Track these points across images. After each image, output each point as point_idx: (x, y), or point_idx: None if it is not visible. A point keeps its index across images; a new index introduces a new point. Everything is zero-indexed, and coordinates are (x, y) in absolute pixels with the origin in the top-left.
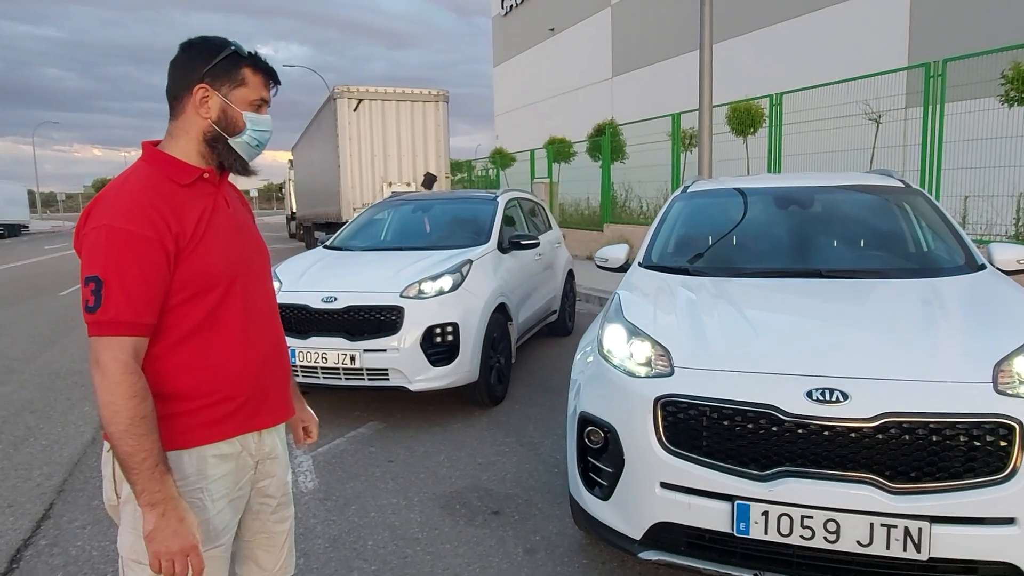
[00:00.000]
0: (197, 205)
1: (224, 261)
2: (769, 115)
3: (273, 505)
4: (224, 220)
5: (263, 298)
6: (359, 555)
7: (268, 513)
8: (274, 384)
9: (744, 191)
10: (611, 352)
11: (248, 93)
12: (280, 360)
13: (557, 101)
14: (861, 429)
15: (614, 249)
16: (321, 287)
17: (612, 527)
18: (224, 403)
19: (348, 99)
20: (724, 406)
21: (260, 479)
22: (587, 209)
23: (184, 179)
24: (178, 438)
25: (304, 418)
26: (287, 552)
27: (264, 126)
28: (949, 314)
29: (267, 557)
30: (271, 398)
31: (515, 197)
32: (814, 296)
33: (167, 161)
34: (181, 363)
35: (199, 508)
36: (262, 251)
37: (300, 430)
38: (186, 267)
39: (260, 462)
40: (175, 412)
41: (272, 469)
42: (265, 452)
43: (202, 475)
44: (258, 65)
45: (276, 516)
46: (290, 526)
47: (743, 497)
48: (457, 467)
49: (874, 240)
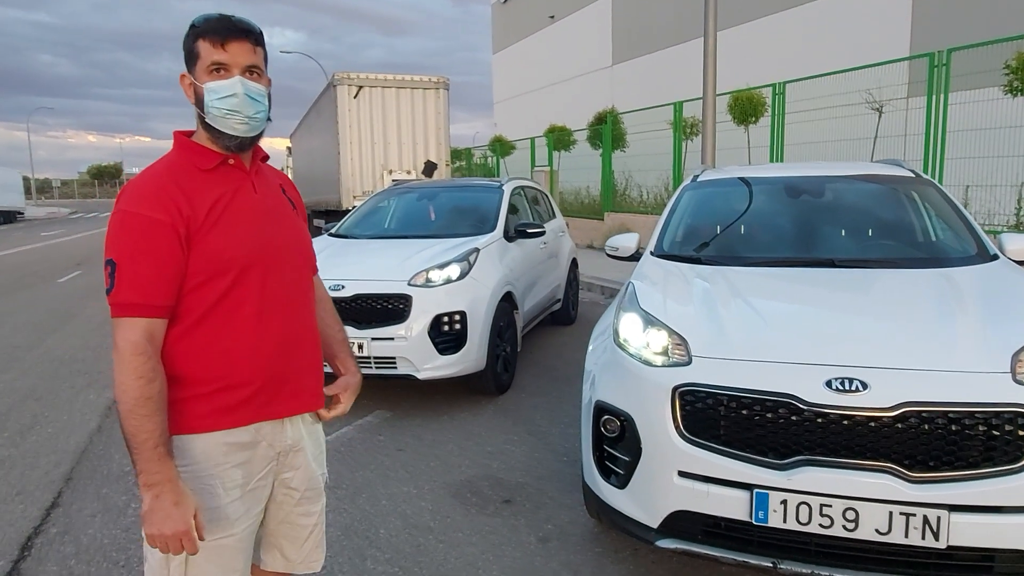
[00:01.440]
0: (215, 190)
1: (240, 246)
2: (772, 104)
3: (296, 498)
4: (247, 205)
5: (290, 285)
6: (372, 544)
7: (291, 505)
8: (295, 373)
9: (753, 180)
10: (627, 341)
11: (203, 63)
12: (304, 349)
13: (557, 89)
14: (881, 418)
15: (625, 238)
16: (328, 275)
17: (629, 515)
18: (236, 389)
19: (348, 86)
20: (743, 395)
21: (283, 471)
22: (587, 198)
23: (206, 164)
24: (189, 422)
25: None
26: (313, 546)
27: (223, 91)
28: (965, 304)
29: (291, 548)
30: (290, 386)
31: (520, 185)
32: (828, 285)
33: (190, 147)
34: (194, 347)
35: (209, 495)
36: (298, 238)
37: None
38: (199, 251)
39: (282, 453)
40: (187, 396)
41: (296, 461)
42: (287, 444)
43: (213, 461)
44: (207, 28)
45: (301, 509)
46: (318, 520)
47: (762, 486)
48: (467, 456)
49: (886, 230)
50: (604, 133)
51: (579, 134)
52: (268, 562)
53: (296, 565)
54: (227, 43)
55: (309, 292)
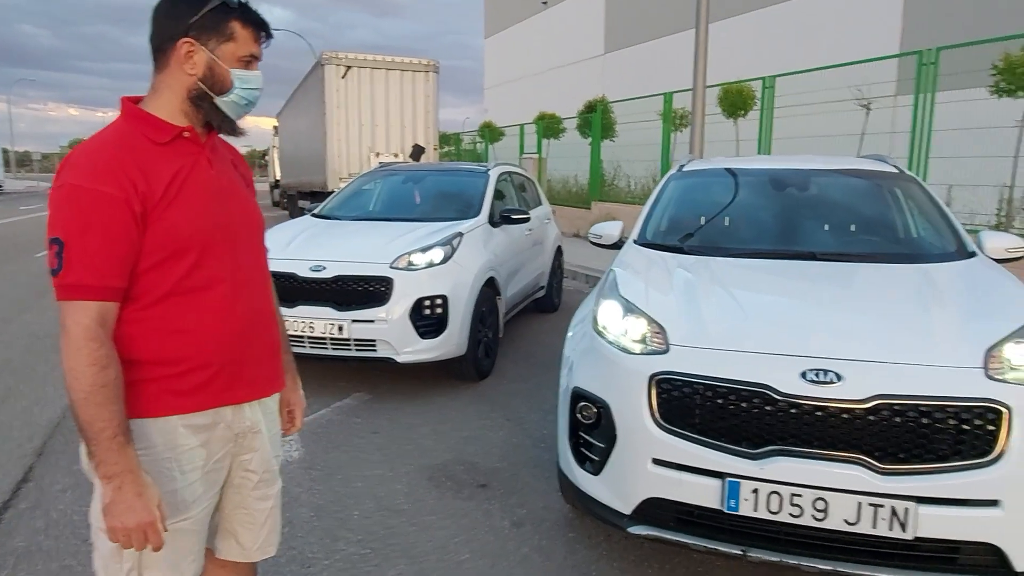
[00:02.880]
0: (172, 165)
1: (199, 224)
2: (761, 97)
3: (254, 481)
4: (204, 181)
5: (249, 265)
6: (344, 525)
7: (249, 488)
8: (256, 355)
9: (739, 172)
10: (606, 328)
11: (237, 48)
12: (265, 331)
13: (548, 76)
14: (854, 410)
15: (608, 226)
16: (309, 255)
17: (602, 502)
18: (196, 372)
19: (337, 65)
20: (719, 384)
21: (241, 453)
22: (575, 186)
23: (161, 137)
24: (145, 406)
25: (292, 400)
26: (268, 531)
27: (254, 84)
28: (941, 299)
29: (247, 534)
30: (251, 370)
31: (507, 171)
32: (808, 278)
33: (144, 118)
34: (151, 329)
35: (167, 478)
36: (253, 216)
37: (284, 412)
38: (156, 229)
39: (240, 435)
40: (143, 378)
41: (254, 443)
42: (246, 426)
43: (171, 445)
44: (248, 17)
45: (258, 493)
46: (274, 504)
47: (734, 474)
48: (443, 440)
49: (868, 224)
50: (593, 122)
51: (569, 122)
52: (223, 550)
53: (252, 552)
54: (262, 38)
55: (266, 272)
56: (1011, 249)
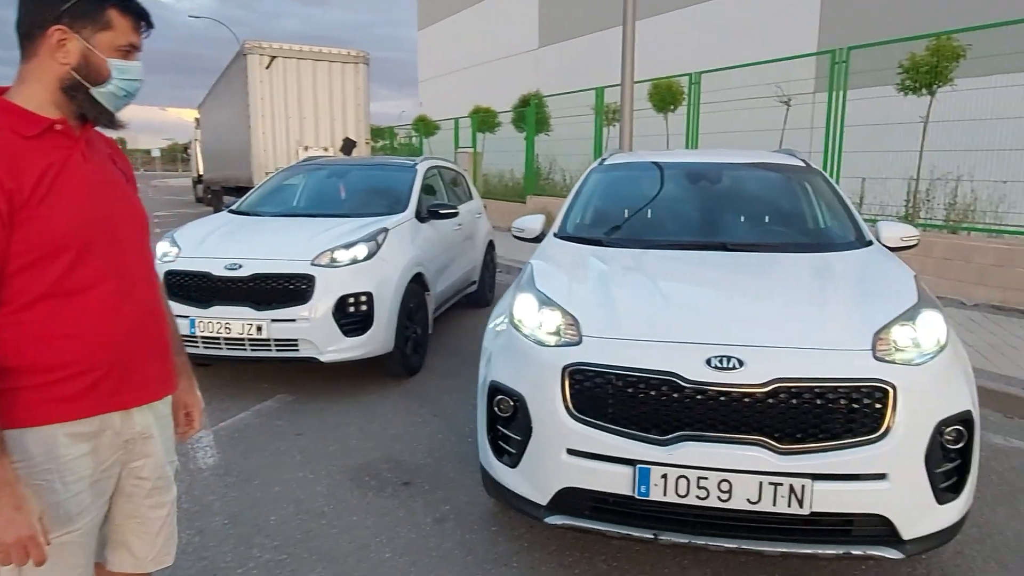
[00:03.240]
0: (42, 160)
1: (76, 222)
2: (688, 93)
3: (147, 488)
4: (79, 177)
5: (134, 263)
6: (260, 531)
7: (141, 496)
8: (145, 358)
9: (658, 165)
10: (521, 322)
11: (115, 38)
12: (154, 332)
13: (484, 69)
14: (754, 394)
15: (530, 220)
16: (224, 253)
17: (520, 494)
18: (78, 378)
19: (260, 55)
20: (629, 374)
21: (132, 460)
22: (511, 180)
23: (29, 130)
24: (21, 415)
25: (188, 402)
26: (164, 539)
27: (133, 74)
28: (837, 286)
29: (140, 544)
30: (140, 373)
31: (435, 165)
32: (718, 268)
33: (9, 109)
34: (26, 333)
35: (48, 491)
36: (135, 212)
37: (181, 415)
38: (26, 228)
39: (131, 441)
40: (19, 386)
41: (146, 449)
42: (136, 431)
43: (51, 456)
44: (127, 6)
45: (151, 500)
46: (169, 512)
47: (644, 461)
48: (369, 439)
49: (777, 216)
50: (527, 116)
51: (504, 116)
52: (115, 562)
53: (146, 562)
54: (142, 27)
55: (153, 270)
56: (905, 238)
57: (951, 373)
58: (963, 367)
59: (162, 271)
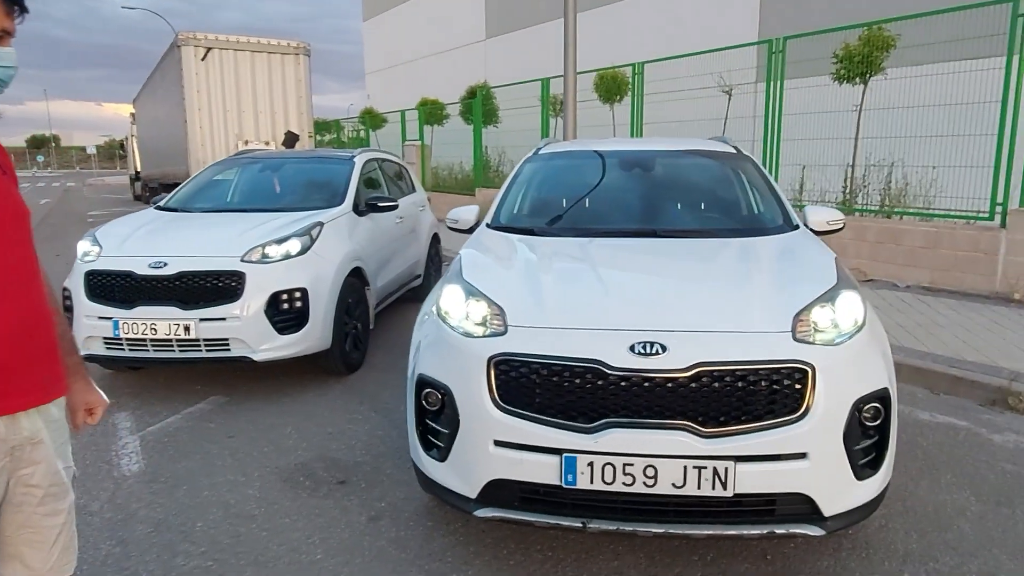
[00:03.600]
0: None
1: None
2: (632, 83)
3: (39, 496)
4: None
5: (13, 261)
6: (186, 537)
7: (33, 505)
8: (28, 360)
9: (591, 154)
10: (448, 313)
11: None
12: (38, 333)
13: (431, 61)
14: (677, 379)
15: (464, 211)
16: (148, 252)
17: (449, 487)
18: None
19: (195, 47)
20: (553, 363)
21: (20, 467)
22: (460, 173)
23: None
24: None
25: (89, 400)
26: (61, 549)
27: (6, 61)
28: (761, 270)
29: (35, 555)
30: (23, 376)
31: (374, 158)
32: (647, 254)
33: None
34: None
35: None
36: (13, 206)
37: (80, 412)
38: None
39: (17, 448)
40: None
41: (36, 455)
42: (24, 436)
43: None
44: None
45: (45, 508)
46: (65, 520)
47: (570, 450)
48: (305, 438)
49: (708, 202)
50: (474, 107)
51: (452, 108)
52: (8, 575)
53: (43, 573)
54: (15, 12)
55: (36, 267)
56: (831, 222)
57: (869, 352)
58: (881, 346)
59: (83, 271)
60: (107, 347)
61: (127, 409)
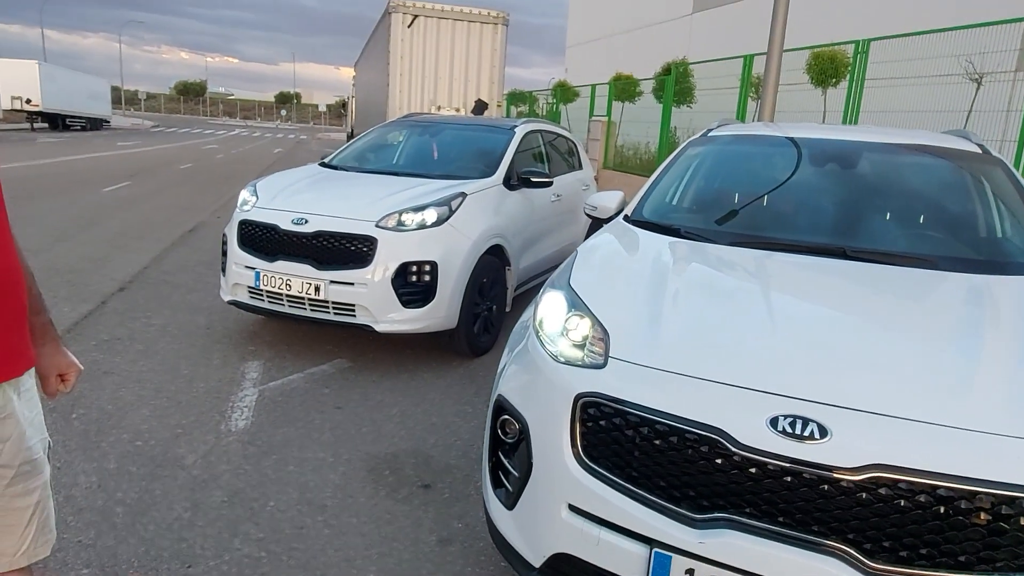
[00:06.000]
0: None
1: None
2: (852, 64)
3: (8, 477)
4: None
5: None
6: (253, 516)
7: (2, 487)
8: None
9: (776, 140)
10: (543, 324)
11: None
12: (8, 296)
13: (633, 36)
14: (839, 481)
15: (607, 196)
16: (295, 207)
17: (512, 544)
18: None
19: (404, 14)
20: (657, 419)
21: None
22: (646, 153)
23: None
24: None
25: (60, 365)
26: (36, 529)
27: None
28: (1001, 328)
29: (6, 538)
30: None
31: (539, 129)
32: (825, 284)
33: None
34: None
35: None
36: None
37: (52, 379)
38: None
39: None
40: None
41: (3, 432)
42: None
43: None
44: None
45: (16, 489)
46: (40, 498)
47: (665, 544)
48: (406, 424)
49: (929, 217)
50: (667, 85)
51: (646, 85)
52: None
53: (16, 558)
54: None
55: (5, 221)
56: None
57: None
58: None
59: (238, 220)
60: (250, 296)
61: (261, 358)
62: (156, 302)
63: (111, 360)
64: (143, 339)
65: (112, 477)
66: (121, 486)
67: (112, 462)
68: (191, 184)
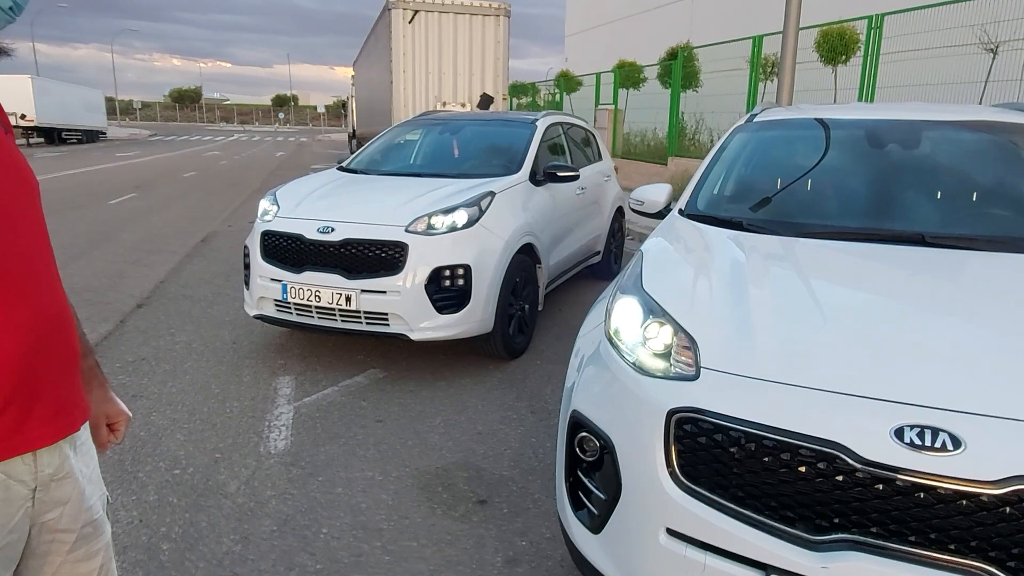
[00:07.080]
0: None
1: None
2: (866, 39)
3: (70, 542)
4: None
5: (29, 248)
6: (307, 546)
7: (64, 553)
8: (51, 378)
9: (827, 123)
10: (618, 334)
11: None
12: (63, 341)
13: (633, 22)
14: (978, 496)
15: (653, 189)
16: (319, 215)
17: (601, 572)
18: None
19: (404, 10)
20: (766, 435)
21: (44, 511)
22: (653, 140)
23: None
24: None
25: (110, 413)
26: None
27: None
28: None
29: None
30: (49, 399)
31: (559, 122)
32: (915, 273)
33: None
34: None
35: None
36: (22, 183)
37: (103, 430)
38: None
39: (40, 488)
40: None
41: (62, 493)
42: (47, 473)
43: None
44: None
45: (77, 554)
46: (102, 561)
47: (783, 571)
48: (452, 435)
49: (1005, 198)
50: (674, 70)
51: (650, 71)
52: None
53: None
54: None
55: (50, 257)
56: None
57: None
58: None
59: (260, 231)
60: (277, 309)
61: (292, 373)
62: (178, 318)
63: (139, 382)
64: (169, 358)
65: (154, 510)
66: (164, 520)
67: (152, 493)
68: (198, 193)
